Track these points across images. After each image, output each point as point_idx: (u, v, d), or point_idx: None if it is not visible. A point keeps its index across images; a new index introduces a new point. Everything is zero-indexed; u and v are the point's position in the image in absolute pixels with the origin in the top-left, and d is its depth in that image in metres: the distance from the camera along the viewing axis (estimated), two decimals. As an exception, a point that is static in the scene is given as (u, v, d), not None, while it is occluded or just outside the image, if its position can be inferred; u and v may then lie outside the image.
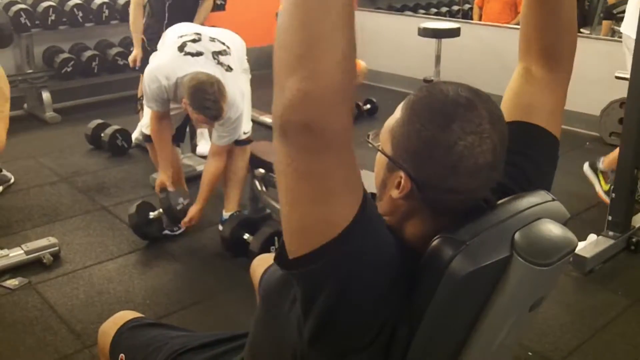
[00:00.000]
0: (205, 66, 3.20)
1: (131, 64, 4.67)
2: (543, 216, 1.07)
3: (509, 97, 1.32)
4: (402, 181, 1.08)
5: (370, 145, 1.17)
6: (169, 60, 3.27)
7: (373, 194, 1.22)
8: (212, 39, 3.36)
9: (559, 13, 1.26)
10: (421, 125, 1.06)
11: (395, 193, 1.10)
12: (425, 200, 1.08)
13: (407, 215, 1.12)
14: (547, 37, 1.28)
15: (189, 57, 3.24)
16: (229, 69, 3.30)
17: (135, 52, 4.58)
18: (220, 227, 3.43)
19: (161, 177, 3.45)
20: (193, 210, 3.40)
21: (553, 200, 1.13)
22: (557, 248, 1.03)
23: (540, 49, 1.28)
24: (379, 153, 1.14)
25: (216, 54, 3.31)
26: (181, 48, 3.28)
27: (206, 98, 3.02)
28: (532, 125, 1.27)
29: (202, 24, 4.15)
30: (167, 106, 3.35)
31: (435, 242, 1.03)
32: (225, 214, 3.48)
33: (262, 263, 2.01)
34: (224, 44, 3.39)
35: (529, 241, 1.01)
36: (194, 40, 3.31)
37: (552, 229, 1.05)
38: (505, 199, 1.13)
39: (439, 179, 1.05)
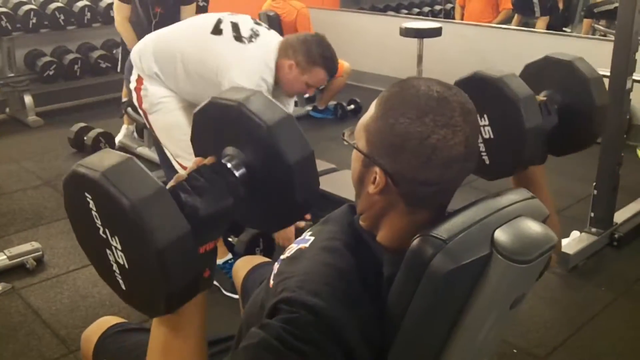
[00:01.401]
0: (271, 41, 2.88)
1: None
2: (523, 214, 1.08)
3: None
4: (378, 176, 1.10)
5: (345, 142, 1.18)
6: (248, 57, 2.80)
7: (351, 205, 1.24)
8: (233, 23, 2.90)
9: None
10: (394, 120, 1.08)
11: (371, 189, 1.12)
12: (401, 194, 1.10)
13: (384, 211, 1.14)
14: None
15: (253, 40, 2.85)
16: None
17: None
18: None
19: None
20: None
21: (532, 197, 1.14)
22: (536, 245, 1.04)
23: None
24: (354, 150, 1.16)
25: (254, 32, 2.91)
26: (238, 38, 2.84)
27: (326, 47, 2.81)
28: None
29: None
30: None
31: (415, 241, 1.03)
32: None
33: (245, 265, 2.01)
34: (237, 23, 2.93)
35: (508, 239, 1.02)
36: (233, 28, 2.87)
37: (532, 227, 1.05)
38: (485, 196, 1.14)
39: (414, 171, 1.07)
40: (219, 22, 2.88)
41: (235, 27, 2.86)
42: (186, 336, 0.88)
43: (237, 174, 0.99)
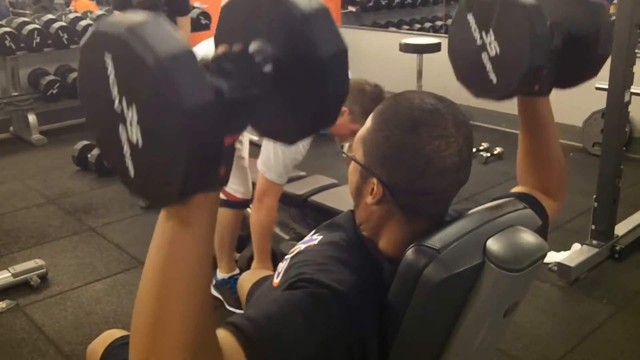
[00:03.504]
0: None
1: None
2: (515, 224, 1.10)
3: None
4: (375, 187, 1.13)
5: (344, 155, 1.21)
6: None
7: (353, 211, 1.26)
8: None
9: (549, 161, 1.41)
10: (390, 131, 1.11)
11: (369, 199, 1.14)
12: (398, 204, 1.12)
13: (383, 220, 1.16)
14: (538, 178, 1.42)
15: None
16: None
17: None
18: None
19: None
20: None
21: (525, 208, 1.16)
22: (528, 254, 1.06)
23: (534, 185, 1.42)
24: (352, 163, 1.18)
25: None
26: None
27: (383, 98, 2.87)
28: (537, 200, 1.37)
29: None
30: None
31: (409, 251, 1.05)
32: None
33: (249, 278, 2.03)
34: None
35: (500, 248, 1.04)
36: None
37: (523, 236, 1.08)
38: (478, 207, 1.16)
39: (409, 181, 1.10)
40: None
41: None
42: (195, 236, 0.80)
43: (264, 69, 0.87)
